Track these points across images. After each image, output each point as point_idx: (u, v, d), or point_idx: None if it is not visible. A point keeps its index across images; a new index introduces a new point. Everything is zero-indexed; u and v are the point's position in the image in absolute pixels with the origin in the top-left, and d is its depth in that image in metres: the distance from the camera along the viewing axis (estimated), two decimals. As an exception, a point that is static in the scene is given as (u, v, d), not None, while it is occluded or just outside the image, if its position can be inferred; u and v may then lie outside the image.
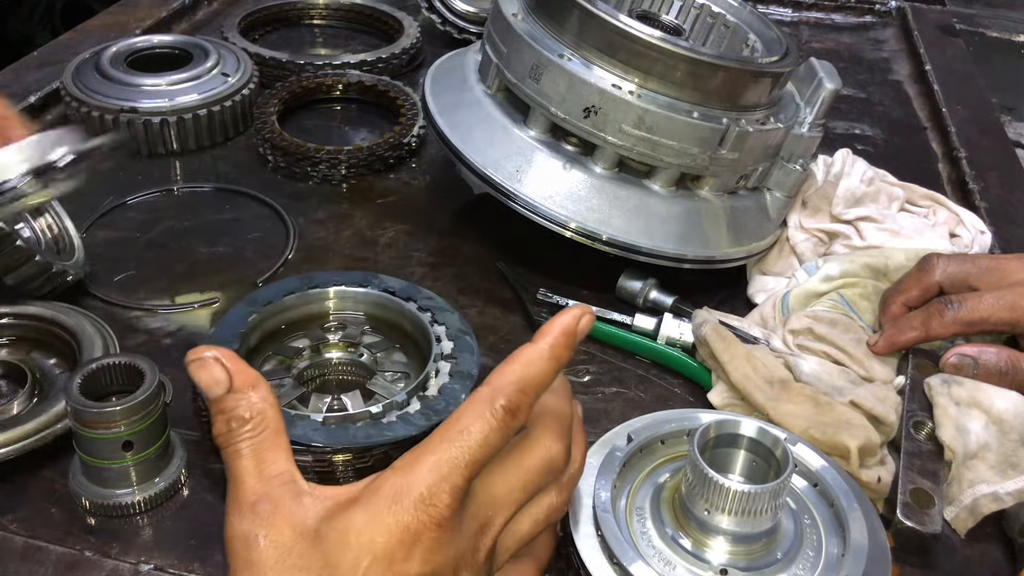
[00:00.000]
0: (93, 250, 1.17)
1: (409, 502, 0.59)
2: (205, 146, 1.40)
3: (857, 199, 1.16)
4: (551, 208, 1.06)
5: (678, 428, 0.85)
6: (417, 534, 0.59)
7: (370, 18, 1.77)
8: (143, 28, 1.66)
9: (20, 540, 0.80)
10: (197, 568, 0.80)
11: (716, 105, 1.04)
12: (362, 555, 0.59)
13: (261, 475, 0.63)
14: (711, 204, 1.10)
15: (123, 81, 1.38)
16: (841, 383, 0.95)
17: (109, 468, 0.83)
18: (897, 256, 1.07)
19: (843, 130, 1.58)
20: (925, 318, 0.97)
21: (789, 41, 1.14)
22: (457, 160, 1.11)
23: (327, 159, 1.32)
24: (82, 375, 0.82)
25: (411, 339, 1.01)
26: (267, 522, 0.60)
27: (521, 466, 0.66)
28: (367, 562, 0.58)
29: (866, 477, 0.87)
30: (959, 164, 1.43)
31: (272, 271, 1.17)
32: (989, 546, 0.87)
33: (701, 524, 0.75)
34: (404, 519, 0.59)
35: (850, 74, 1.77)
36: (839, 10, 2.03)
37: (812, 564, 0.75)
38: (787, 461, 0.73)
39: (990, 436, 0.89)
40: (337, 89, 1.52)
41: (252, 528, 0.60)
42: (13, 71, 1.53)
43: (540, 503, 0.68)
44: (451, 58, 1.27)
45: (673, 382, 1.04)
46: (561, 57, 1.04)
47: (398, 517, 0.59)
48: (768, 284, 1.14)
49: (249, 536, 0.60)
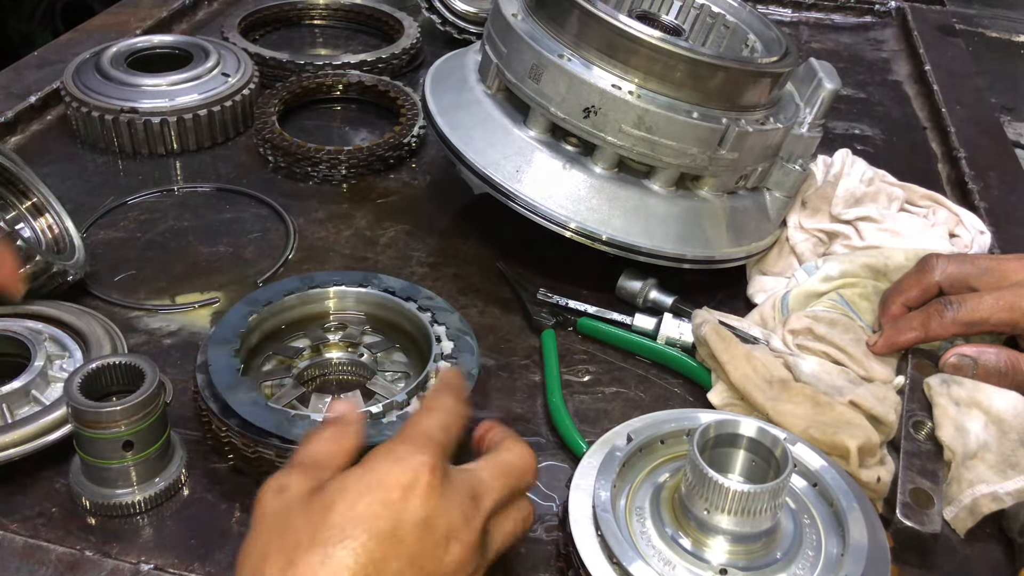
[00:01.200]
0: (93, 250, 1.17)
1: (403, 450, 0.66)
2: (205, 146, 1.40)
3: (857, 199, 1.16)
4: (551, 208, 1.06)
5: (678, 428, 0.85)
6: (415, 476, 0.64)
7: (370, 18, 1.77)
8: (143, 28, 1.66)
9: (20, 540, 0.80)
10: (197, 568, 0.80)
11: (716, 105, 1.04)
12: (360, 494, 0.63)
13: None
14: (711, 204, 1.10)
15: (123, 81, 1.38)
16: (841, 383, 0.95)
17: (109, 468, 0.83)
18: (897, 256, 1.08)
19: (843, 130, 1.59)
20: (925, 318, 0.97)
21: (789, 41, 1.14)
22: (457, 160, 1.11)
23: (327, 159, 1.32)
24: (82, 375, 0.82)
25: (411, 339, 1.01)
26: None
27: (500, 459, 0.72)
28: (367, 499, 0.62)
29: (866, 477, 0.87)
30: (959, 164, 1.43)
31: (272, 271, 1.17)
32: (989, 546, 0.87)
33: (701, 524, 0.75)
34: (400, 465, 0.65)
35: (850, 74, 1.77)
36: (839, 10, 2.03)
37: (812, 564, 0.75)
38: (787, 461, 0.73)
39: (989, 436, 0.89)
40: (337, 89, 1.52)
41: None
42: (13, 71, 1.53)
43: (520, 507, 0.73)
44: (451, 58, 1.27)
45: (673, 382, 1.04)
46: (561, 57, 1.04)
47: (393, 463, 0.65)
48: (768, 284, 1.15)
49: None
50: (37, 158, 1.34)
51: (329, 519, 0.62)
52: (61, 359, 0.95)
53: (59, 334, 0.98)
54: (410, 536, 0.62)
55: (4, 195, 1.12)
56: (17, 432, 0.85)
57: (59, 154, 1.38)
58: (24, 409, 0.90)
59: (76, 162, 1.37)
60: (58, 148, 1.40)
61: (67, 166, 1.35)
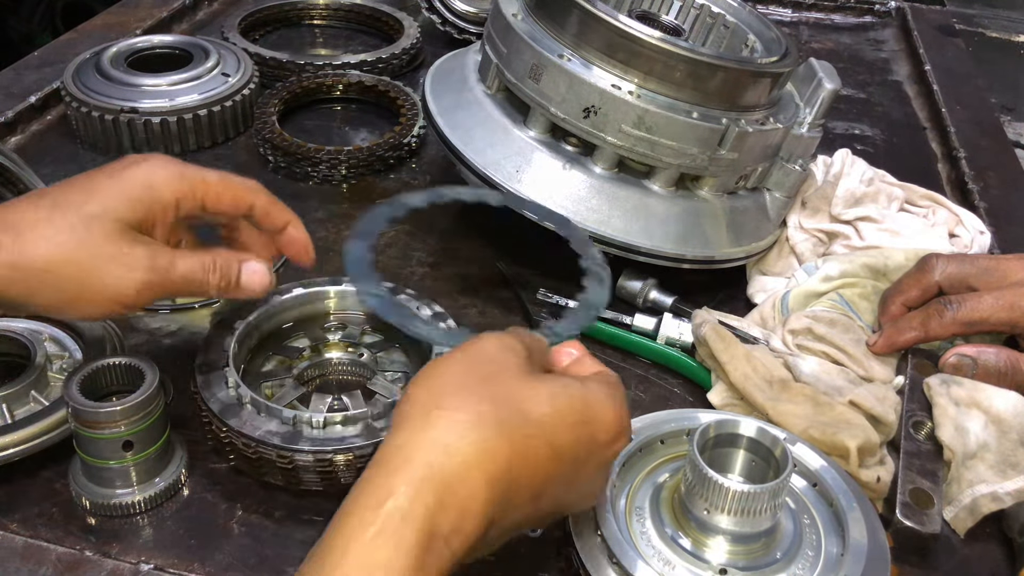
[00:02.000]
0: (93, 250, 1.17)
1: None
2: (205, 146, 1.40)
3: (857, 199, 1.16)
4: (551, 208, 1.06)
5: (678, 428, 0.85)
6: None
7: (370, 18, 1.77)
8: (143, 28, 1.66)
9: (20, 540, 0.80)
10: (197, 568, 0.80)
11: (716, 105, 1.04)
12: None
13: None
14: (711, 204, 1.10)
15: (123, 81, 1.38)
16: (840, 383, 0.95)
17: (109, 468, 0.83)
18: (896, 256, 1.08)
19: (843, 130, 1.58)
20: (924, 318, 0.97)
21: (789, 41, 1.14)
22: (457, 160, 1.11)
23: (327, 159, 1.32)
24: (82, 375, 0.82)
25: (411, 339, 1.01)
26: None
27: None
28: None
29: (865, 477, 0.87)
30: (958, 164, 1.43)
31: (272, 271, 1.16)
32: (988, 546, 0.87)
33: (701, 524, 0.75)
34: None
35: (850, 74, 1.77)
36: (839, 10, 2.03)
37: (811, 564, 0.75)
38: (786, 461, 0.73)
39: (989, 436, 0.89)
40: (337, 89, 1.52)
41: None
42: (13, 71, 1.53)
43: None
44: (451, 58, 1.27)
45: (673, 382, 1.04)
46: (561, 57, 1.04)
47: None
48: (768, 284, 1.15)
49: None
50: (37, 158, 1.34)
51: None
52: (61, 359, 0.95)
53: (58, 334, 0.98)
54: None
55: (4, 195, 1.12)
56: (18, 433, 0.85)
57: (59, 154, 1.38)
58: (24, 409, 0.90)
59: (76, 162, 1.37)
60: (58, 148, 1.40)
61: (67, 166, 1.35)
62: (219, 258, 0.84)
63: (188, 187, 0.82)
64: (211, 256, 0.83)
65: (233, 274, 0.85)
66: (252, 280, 0.86)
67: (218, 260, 0.84)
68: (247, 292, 0.87)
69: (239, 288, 0.86)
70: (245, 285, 0.86)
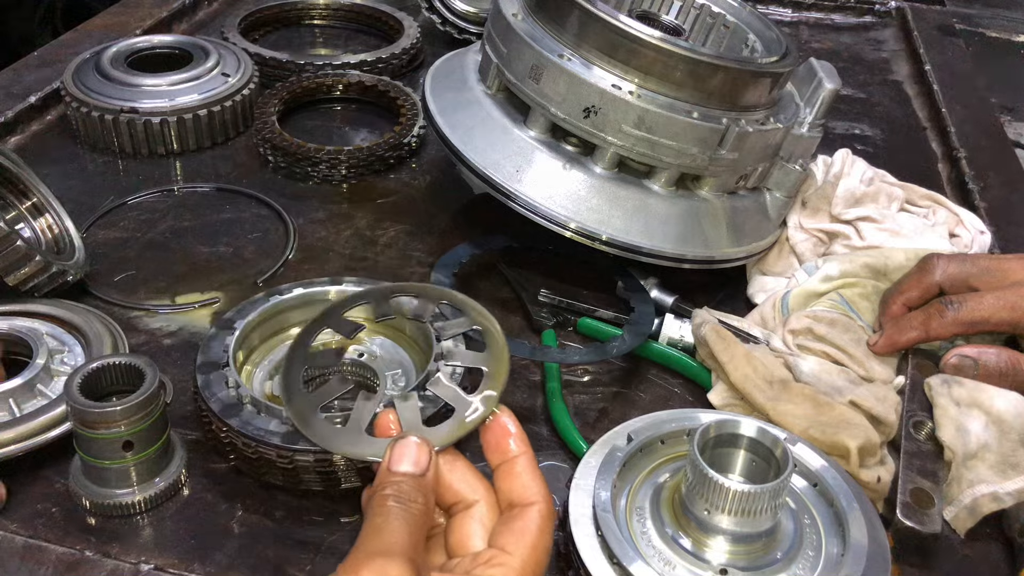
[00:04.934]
0: (93, 250, 1.17)
1: None
2: (205, 146, 1.40)
3: (857, 199, 1.16)
4: (551, 208, 1.06)
5: (678, 428, 0.85)
6: None
7: (370, 18, 1.77)
8: (143, 28, 1.66)
9: (20, 540, 0.80)
10: (197, 568, 0.80)
11: (716, 105, 1.04)
12: None
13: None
14: (711, 204, 1.10)
15: (123, 81, 1.38)
16: (841, 383, 0.95)
17: (109, 468, 0.83)
18: (897, 256, 1.07)
19: (843, 130, 1.58)
20: (925, 318, 0.97)
21: (789, 41, 1.14)
22: (457, 160, 1.11)
23: (327, 159, 1.32)
24: (82, 375, 0.82)
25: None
26: None
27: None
28: None
29: (866, 477, 0.87)
30: (959, 164, 1.43)
31: (272, 271, 1.17)
32: (989, 546, 0.87)
33: (701, 524, 0.75)
34: None
35: (850, 74, 1.77)
36: (839, 10, 2.03)
37: (812, 564, 0.75)
38: (787, 461, 0.73)
39: (990, 436, 0.89)
40: (337, 89, 1.52)
41: None
42: (13, 71, 1.53)
43: None
44: (451, 58, 1.27)
45: (673, 382, 1.04)
46: (561, 57, 1.04)
47: None
48: (768, 284, 1.15)
49: None
50: (37, 158, 1.34)
51: None
52: (62, 354, 0.96)
53: (59, 331, 0.98)
54: None
55: (4, 195, 1.12)
56: (26, 425, 0.86)
57: (59, 154, 1.38)
58: (31, 403, 0.90)
59: (76, 162, 1.37)
60: (58, 148, 1.40)
61: (67, 166, 1.35)
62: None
63: None
64: None
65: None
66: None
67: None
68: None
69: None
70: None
